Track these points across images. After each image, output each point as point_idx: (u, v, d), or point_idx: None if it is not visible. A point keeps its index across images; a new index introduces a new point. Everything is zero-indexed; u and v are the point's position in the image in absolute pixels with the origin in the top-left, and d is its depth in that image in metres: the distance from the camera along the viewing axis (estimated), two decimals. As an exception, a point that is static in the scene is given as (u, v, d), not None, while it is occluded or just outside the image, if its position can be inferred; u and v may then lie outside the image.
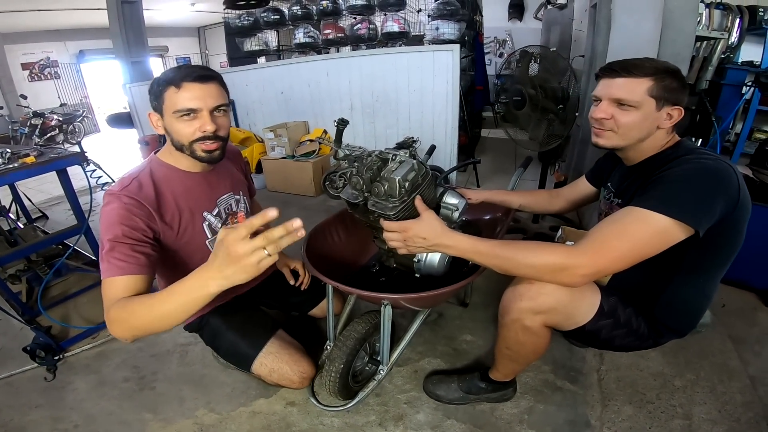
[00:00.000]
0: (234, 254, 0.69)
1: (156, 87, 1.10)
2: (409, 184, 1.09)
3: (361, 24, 3.86)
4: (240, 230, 0.68)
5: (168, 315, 0.82)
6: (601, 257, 0.90)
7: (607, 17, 2.24)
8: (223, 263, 0.71)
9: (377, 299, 1.20)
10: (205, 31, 12.13)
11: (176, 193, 1.19)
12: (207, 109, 1.09)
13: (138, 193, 1.08)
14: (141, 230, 1.04)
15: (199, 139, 1.12)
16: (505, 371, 1.34)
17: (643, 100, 1.00)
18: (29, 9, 6.93)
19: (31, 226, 2.88)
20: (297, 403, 1.49)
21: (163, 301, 0.82)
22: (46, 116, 7.56)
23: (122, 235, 1.00)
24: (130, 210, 1.04)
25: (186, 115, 1.08)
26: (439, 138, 3.44)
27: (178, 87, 1.06)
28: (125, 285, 0.95)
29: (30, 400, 1.58)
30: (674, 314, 1.10)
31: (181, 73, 1.07)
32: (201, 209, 1.26)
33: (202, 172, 1.27)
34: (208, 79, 1.10)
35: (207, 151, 1.14)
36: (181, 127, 1.10)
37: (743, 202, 0.92)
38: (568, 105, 2.27)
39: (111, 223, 1.01)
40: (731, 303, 1.92)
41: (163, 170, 1.20)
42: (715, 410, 1.40)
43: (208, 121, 1.10)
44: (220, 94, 1.13)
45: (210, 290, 0.76)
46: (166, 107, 1.09)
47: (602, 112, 1.06)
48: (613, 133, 1.06)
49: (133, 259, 0.98)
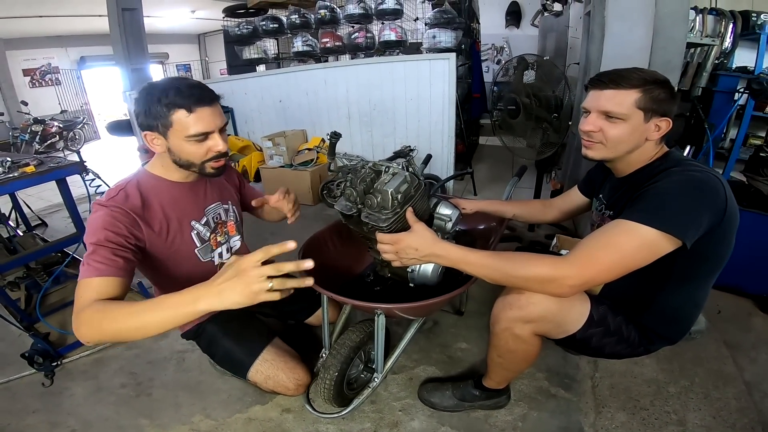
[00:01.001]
0: (243, 275, 0.72)
1: (158, 108, 1.05)
2: (401, 196, 1.11)
3: (358, 33, 3.89)
4: (257, 254, 0.73)
5: (150, 325, 0.81)
6: (589, 269, 0.91)
7: (600, 25, 2.26)
8: (227, 281, 0.74)
9: (371, 309, 1.22)
10: (205, 38, 12.19)
11: (163, 202, 1.20)
12: (217, 129, 1.12)
13: (124, 203, 1.10)
14: (124, 236, 1.04)
15: (212, 158, 1.15)
16: (498, 379, 1.36)
17: (631, 112, 1.00)
18: (31, 15, 6.97)
19: (30, 233, 2.88)
20: (293, 410, 1.50)
21: (149, 310, 0.81)
22: (46, 123, 7.58)
23: (104, 239, 1.00)
24: (114, 217, 1.05)
25: (199, 140, 1.11)
26: (435, 146, 3.46)
27: (190, 111, 1.06)
28: (100, 286, 0.93)
29: (27, 406, 1.59)
30: (664, 322, 1.12)
31: (191, 97, 1.05)
32: (189, 218, 1.27)
33: (191, 182, 1.28)
34: (212, 100, 1.12)
35: (218, 168, 1.19)
36: (194, 149, 1.12)
37: (731, 213, 0.93)
38: (562, 113, 2.29)
39: (95, 228, 1.01)
40: (726, 309, 1.93)
41: (151, 181, 1.21)
42: (710, 416, 1.40)
43: (220, 141, 1.13)
44: (221, 113, 1.16)
45: (198, 307, 0.77)
46: (175, 131, 1.08)
47: (590, 124, 1.07)
48: (602, 145, 1.08)
49: (112, 262, 0.97)
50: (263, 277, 0.72)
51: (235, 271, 0.74)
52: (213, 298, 0.75)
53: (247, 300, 0.74)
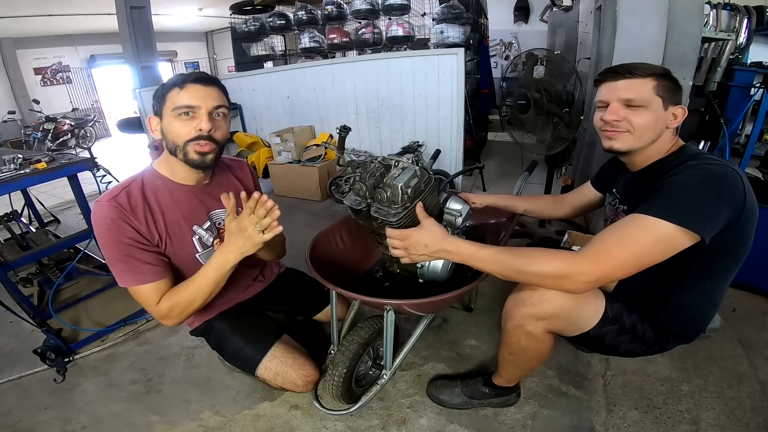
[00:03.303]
0: (242, 227, 1.06)
1: (160, 90, 1.14)
2: (411, 190, 1.10)
3: (365, 28, 3.88)
4: (245, 211, 1.06)
5: (207, 290, 1.15)
6: (604, 264, 0.89)
7: (612, 20, 2.23)
8: (235, 238, 1.08)
9: (380, 305, 1.21)
10: (213, 36, 12.25)
11: (163, 204, 1.19)
12: (206, 109, 1.11)
13: (125, 202, 1.12)
14: (133, 238, 1.12)
15: (194, 138, 1.12)
16: (509, 376, 1.34)
17: (652, 98, 0.99)
18: (40, 14, 7.04)
19: (42, 230, 2.92)
20: (301, 407, 1.50)
21: (201, 278, 1.14)
22: (58, 121, 7.69)
23: (125, 249, 1.11)
24: (116, 222, 1.10)
25: (185, 113, 1.10)
26: (444, 142, 3.44)
27: (181, 87, 1.10)
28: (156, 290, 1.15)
29: (39, 402, 1.61)
30: (680, 320, 1.10)
31: (184, 76, 1.13)
32: (190, 222, 1.26)
33: (197, 185, 1.27)
34: (209, 82, 1.14)
35: (200, 153, 1.14)
36: (178, 125, 1.11)
37: (749, 208, 0.91)
38: (573, 108, 2.26)
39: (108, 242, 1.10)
40: (741, 307, 1.90)
41: (156, 181, 1.21)
42: (724, 415, 1.38)
43: (206, 120, 1.11)
44: (220, 97, 1.16)
45: (231, 260, 1.11)
46: (167, 107, 1.12)
47: (613, 113, 1.04)
48: (629, 134, 1.04)
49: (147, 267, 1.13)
50: (255, 228, 1.05)
51: (237, 227, 1.08)
52: (237, 249, 1.09)
53: (255, 243, 1.08)
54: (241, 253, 1.09)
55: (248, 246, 1.08)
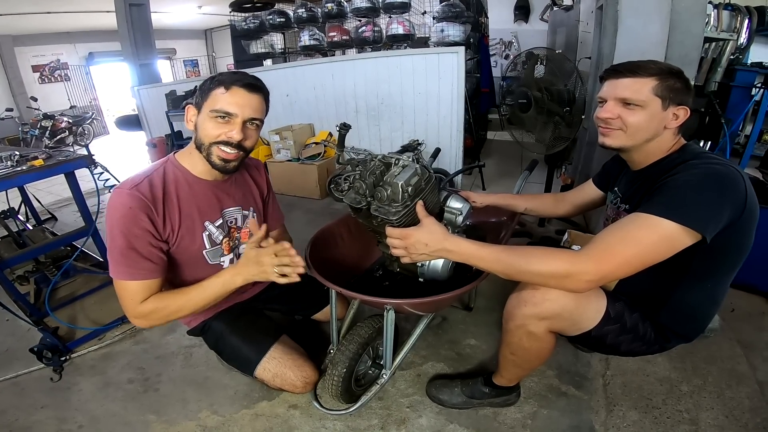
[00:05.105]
0: (260, 262, 1.10)
1: (207, 84, 1.13)
2: (412, 188, 1.09)
3: (365, 26, 3.87)
4: (268, 249, 1.11)
5: (201, 306, 1.16)
6: (606, 263, 0.89)
7: (613, 19, 2.22)
8: (250, 265, 1.12)
9: (380, 304, 1.20)
10: (212, 34, 12.21)
11: (182, 197, 1.19)
12: (242, 117, 1.11)
13: (147, 191, 1.11)
14: (148, 231, 1.11)
15: (221, 142, 1.12)
16: (509, 376, 1.33)
17: (649, 99, 0.99)
18: (39, 11, 7.01)
19: (40, 227, 2.91)
20: (299, 407, 1.49)
21: (199, 297, 1.15)
22: (56, 118, 7.63)
23: (132, 241, 1.08)
24: (134, 212, 1.07)
25: (221, 117, 1.10)
26: (444, 141, 3.43)
27: (227, 89, 1.10)
28: (142, 289, 1.12)
29: (36, 401, 1.60)
30: (681, 319, 1.09)
31: (234, 77, 1.12)
32: (203, 218, 1.25)
33: (214, 181, 1.27)
34: (255, 89, 1.13)
35: (223, 159, 1.15)
36: (211, 126, 1.12)
37: (751, 207, 0.91)
38: (574, 107, 2.25)
39: (120, 229, 1.07)
40: (740, 307, 1.89)
41: (177, 173, 1.21)
42: (723, 416, 1.38)
43: (238, 129, 1.12)
44: (260, 108, 1.16)
45: (237, 282, 1.14)
46: (207, 104, 1.11)
47: (608, 111, 1.05)
48: (621, 132, 1.05)
49: (146, 264, 1.11)
50: (272, 268, 1.09)
51: (255, 259, 1.11)
52: (243, 277, 1.13)
53: (266, 276, 1.11)
54: (249, 281, 1.14)
55: (259, 277, 1.12)
